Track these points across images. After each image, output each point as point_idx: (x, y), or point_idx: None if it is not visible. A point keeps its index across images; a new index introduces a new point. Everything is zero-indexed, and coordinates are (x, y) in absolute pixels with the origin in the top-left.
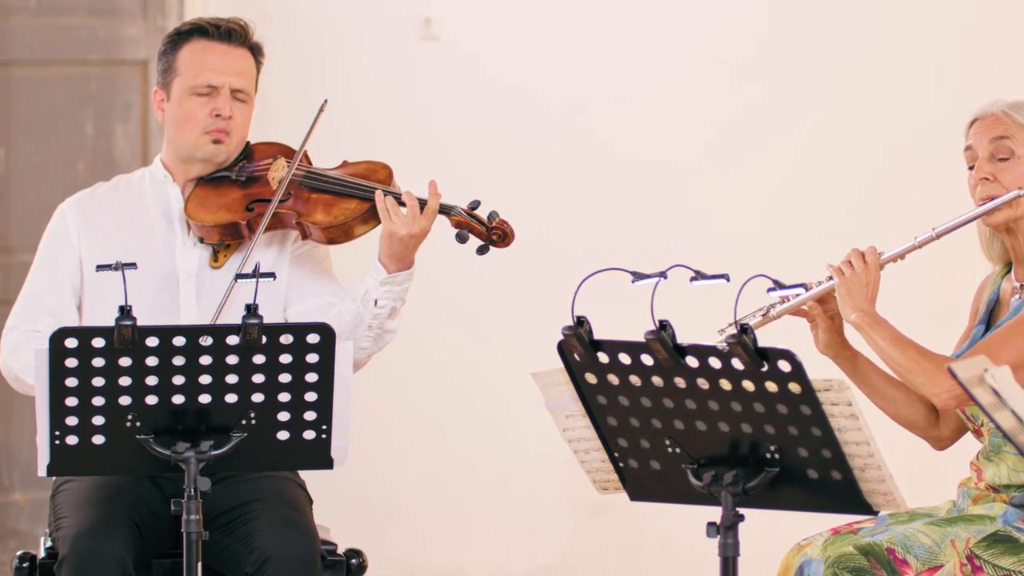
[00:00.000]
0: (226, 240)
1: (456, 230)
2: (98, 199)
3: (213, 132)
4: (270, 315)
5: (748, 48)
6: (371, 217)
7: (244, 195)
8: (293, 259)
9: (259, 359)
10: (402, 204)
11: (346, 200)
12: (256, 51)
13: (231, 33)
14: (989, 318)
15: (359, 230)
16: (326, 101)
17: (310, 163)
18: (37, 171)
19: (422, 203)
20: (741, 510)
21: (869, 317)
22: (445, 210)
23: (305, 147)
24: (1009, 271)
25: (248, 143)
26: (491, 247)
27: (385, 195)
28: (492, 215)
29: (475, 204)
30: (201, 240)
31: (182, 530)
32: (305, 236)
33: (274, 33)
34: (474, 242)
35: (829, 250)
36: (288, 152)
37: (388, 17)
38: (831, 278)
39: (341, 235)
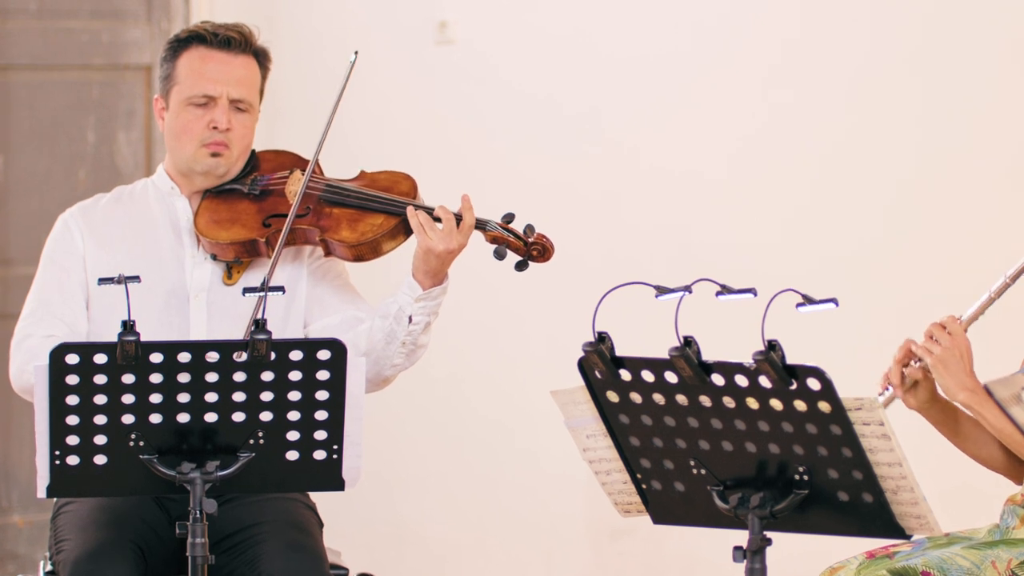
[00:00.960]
0: (242, 257)
1: (493, 246)
2: (102, 210)
3: (211, 145)
4: (290, 333)
5: (777, 52)
6: (399, 233)
7: (259, 210)
8: (311, 274)
9: (268, 376)
10: (436, 219)
11: (371, 215)
12: (261, 57)
13: (230, 41)
14: None
15: (387, 246)
16: (357, 53)
17: (323, 174)
18: (37, 180)
19: (457, 217)
20: (769, 534)
21: (978, 395)
22: (480, 225)
23: (318, 156)
24: None
25: (254, 151)
26: (530, 262)
27: (416, 209)
28: (529, 228)
29: (509, 217)
30: (214, 257)
31: (187, 554)
32: (329, 253)
33: (282, 38)
34: (512, 258)
35: (862, 264)
36: (299, 162)
37: (402, 20)
38: (919, 359)
39: (369, 252)
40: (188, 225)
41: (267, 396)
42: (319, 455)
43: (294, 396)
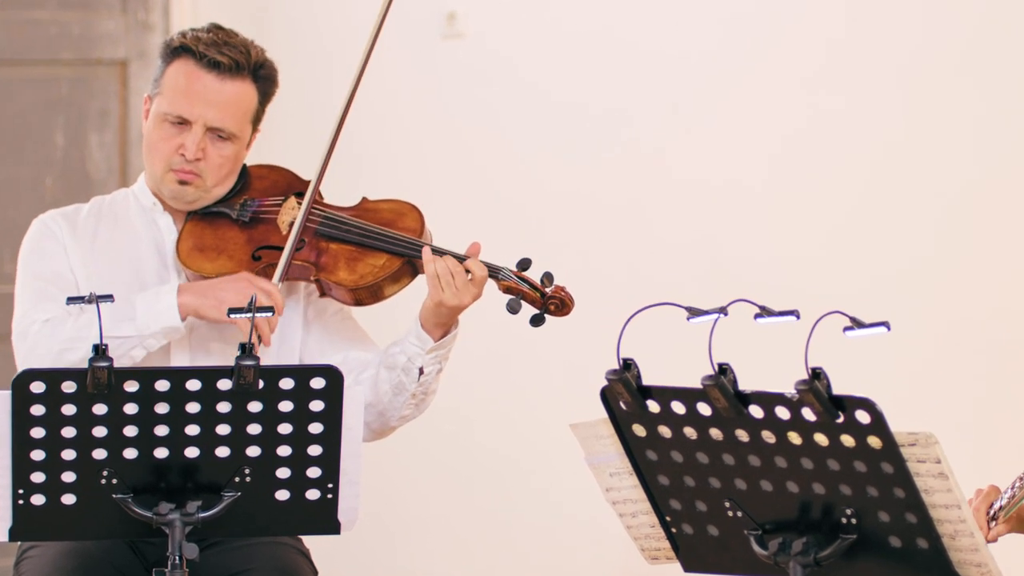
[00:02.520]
0: None
1: (506, 297)
2: (83, 223)
3: (178, 171)
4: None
5: (820, 50)
6: (403, 275)
7: (249, 239)
8: (308, 308)
9: (255, 407)
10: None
11: (372, 254)
12: (262, 81)
13: (218, 64)
14: None
15: (389, 290)
16: None
17: (322, 198)
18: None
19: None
20: None
21: None
22: (492, 273)
23: (318, 186)
24: None
25: (245, 167)
26: (547, 317)
27: (435, 255)
28: (546, 277)
29: (525, 264)
30: None
31: None
32: (324, 295)
33: (274, 30)
34: (527, 310)
35: (916, 283)
36: (295, 182)
37: (406, 12)
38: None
39: (368, 297)
40: (172, 247)
41: (255, 429)
42: (312, 495)
43: (285, 429)
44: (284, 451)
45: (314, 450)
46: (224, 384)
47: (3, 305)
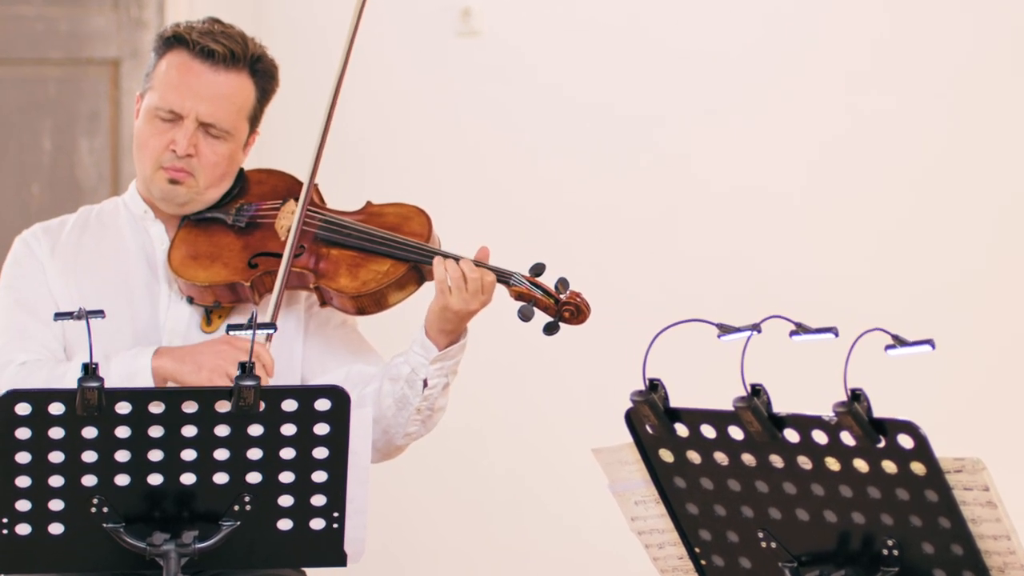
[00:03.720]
0: (223, 302)
1: (517, 303)
2: (67, 236)
3: (169, 169)
4: None
5: (864, 48)
6: (409, 282)
7: (245, 246)
8: (309, 320)
9: (256, 430)
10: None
11: (376, 260)
12: (261, 75)
13: (213, 53)
14: None
15: (394, 298)
16: None
17: (324, 202)
18: None
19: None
20: None
21: None
22: (503, 278)
23: (312, 183)
24: None
25: (242, 171)
26: (561, 324)
27: (445, 260)
28: (561, 283)
29: (538, 269)
30: (191, 300)
31: None
32: (325, 303)
33: (273, 26)
34: (540, 318)
35: (963, 299)
36: (295, 186)
37: (417, 7)
38: None
39: (372, 305)
40: (163, 257)
41: (255, 454)
42: (317, 524)
43: (287, 454)
44: (287, 477)
45: (319, 476)
46: (223, 406)
47: None
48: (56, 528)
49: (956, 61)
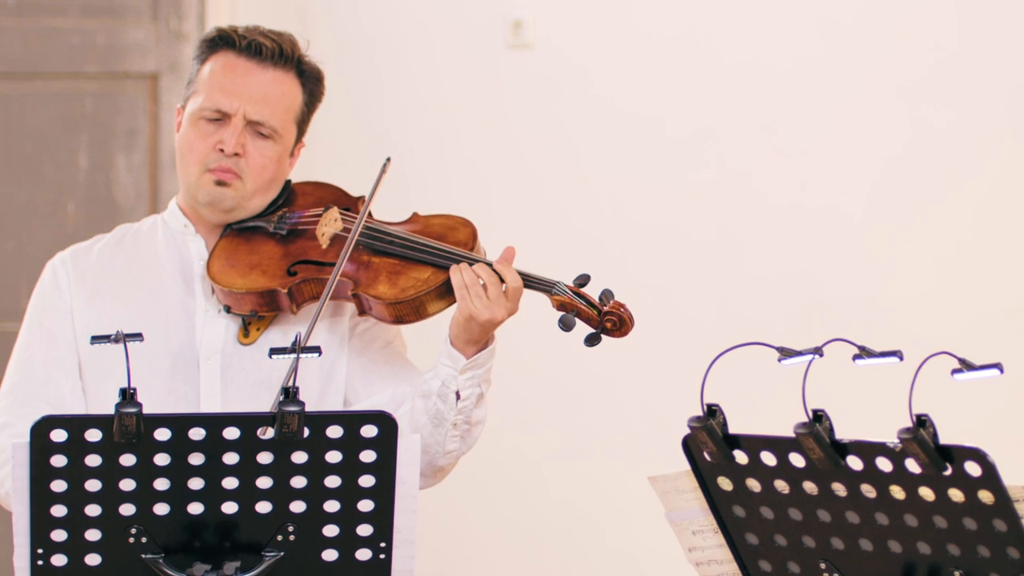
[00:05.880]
0: (260, 311)
1: (559, 313)
2: (97, 255)
3: (216, 171)
4: (327, 408)
5: (928, 63)
6: (450, 291)
7: (284, 254)
8: (354, 338)
9: (300, 457)
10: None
11: (416, 267)
12: (307, 76)
13: (260, 48)
14: None
15: (433, 307)
16: (389, 160)
17: (369, 215)
18: (17, 215)
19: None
20: None
21: None
22: (546, 287)
23: (369, 206)
24: None
25: (288, 182)
26: (603, 336)
27: (465, 263)
28: (606, 295)
29: (583, 280)
30: (228, 309)
31: None
32: (363, 312)
33: (317, 37)
34: (582, 329)
35: None
36: (343, 198)
37: (468, 20)
38: None
39: (411, 313)
40: (202, 271)
41: (299, 482)
42: (363, 555)
43: (333, 482)
44: (332, 507)
45: (365, 505)
46: (265, 432)
47: None
48: (93, 559)
49: (1020, 76)
